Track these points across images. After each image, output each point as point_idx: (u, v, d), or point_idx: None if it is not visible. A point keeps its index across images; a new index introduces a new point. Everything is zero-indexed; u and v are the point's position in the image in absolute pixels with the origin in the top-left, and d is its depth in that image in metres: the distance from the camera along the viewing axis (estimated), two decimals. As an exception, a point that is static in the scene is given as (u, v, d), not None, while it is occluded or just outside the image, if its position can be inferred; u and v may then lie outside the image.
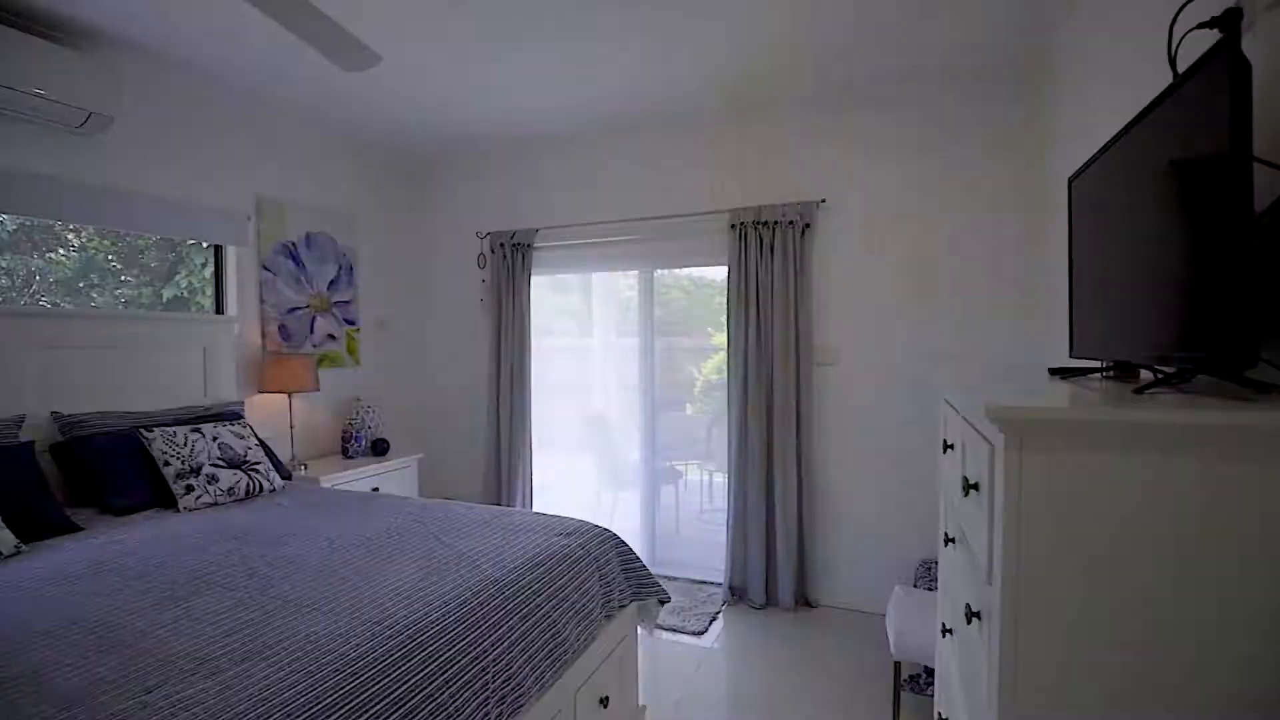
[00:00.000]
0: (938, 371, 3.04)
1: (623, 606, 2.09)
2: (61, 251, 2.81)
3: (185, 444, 2.44)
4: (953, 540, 1.53)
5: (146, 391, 2.70)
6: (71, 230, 2.79)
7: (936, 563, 2.91)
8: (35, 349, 2.38)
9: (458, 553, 1.80)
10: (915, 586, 2.78)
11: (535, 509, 3.76)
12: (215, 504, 2.40)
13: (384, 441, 3.64)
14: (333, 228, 3.66)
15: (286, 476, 2.83)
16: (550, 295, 4.31)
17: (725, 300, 3.37)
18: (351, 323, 3.78)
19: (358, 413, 3.61)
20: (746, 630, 3.05)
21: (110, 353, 2.61)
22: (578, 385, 4.97)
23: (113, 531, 2.06)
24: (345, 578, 1.63)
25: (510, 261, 3.84)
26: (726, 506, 3.38)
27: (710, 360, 4.50)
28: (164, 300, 3.08)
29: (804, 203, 3.19)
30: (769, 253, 3.21)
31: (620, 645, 2.09)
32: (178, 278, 3.15)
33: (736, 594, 3.34)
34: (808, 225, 3.20)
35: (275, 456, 2.83)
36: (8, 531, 1.88)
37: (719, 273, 4.08)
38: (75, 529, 2.09)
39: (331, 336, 3.64)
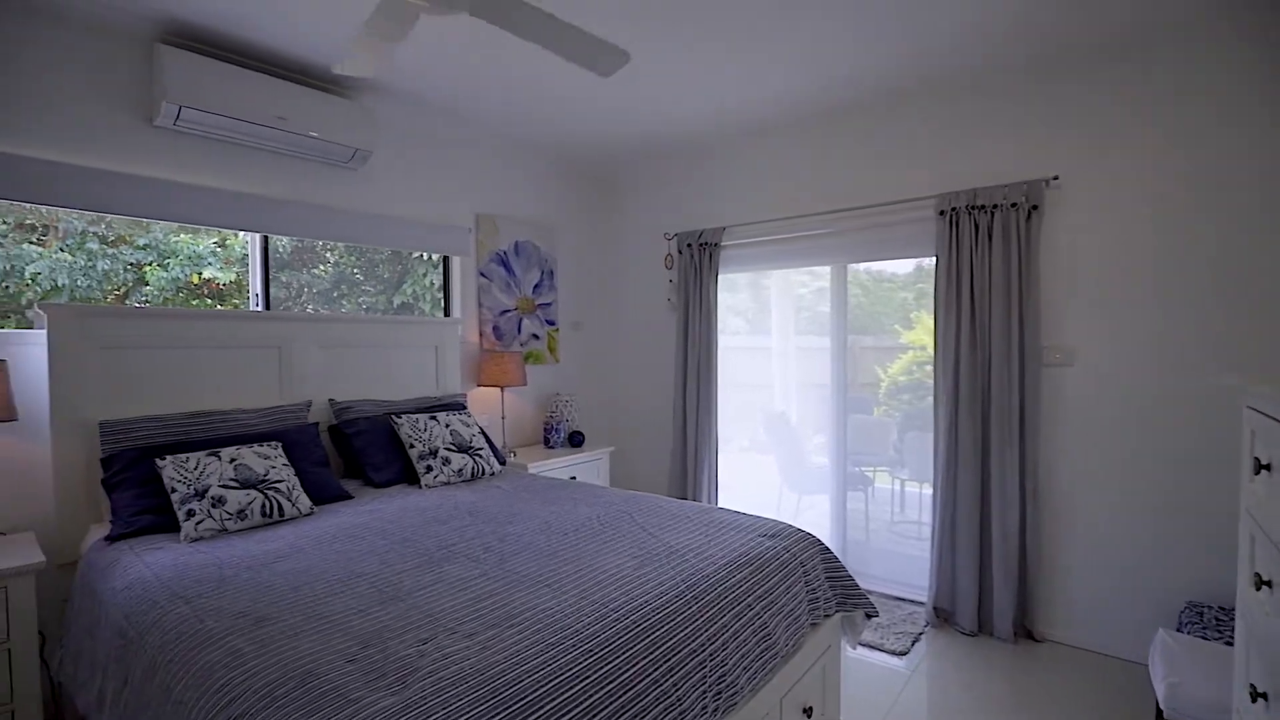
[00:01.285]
0: (1213, 375, 2.51)
1: (827, 615, 2.00)
2: (322, 268, 3.37)
3: (425, 430, 2.80)
4: (1268, 583, 1.24)
5: (393, 383, 3.15)
6: (330, 249, 3.34)
7: (1210, 606, 2.42)
8: (316, 346, 2.89)
9: (666, 545, 1.85)
10: (1180, 631, 2.33)
11: (720, 506, 3.77)
12: (448, 483, 2.72)
13: (579, 434, 3.88)
14: (536, 236, 3.99)
15: (501, 462, 3.12)
16: (719, 293, 4.28)
17: (914, 296, 3.09)
18: (552, 323, 4.09)
19: (557, 406, 3.89)
20: (955, 657, 2.77)
21: (367, 350, 3.08)
22: (754, 384, 4.90)
23: (374, 502, 2.43)
24: (567, 560, 1.75)
25: (697, 261, 3.89)
26: (931, 519, 3.10)
27: (898, 360, 4.18)
28: (394, 306, 3.57)
29: (1030, 182, 2.82)
30: (986, 240, 2.89)
31: (824, 655, 2.01)
32: (405, 286, 3.63)
33: (942, 616, 3.06)
34: (1035, 207, 2.82)
35: (492, 443, 3.14)
36: (306, 497, 2.29)
37: (902, 266, 3.76)
38: (348, 497, 2.49)
39: (535, 336, 3.97)
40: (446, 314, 3.65)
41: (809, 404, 4.43)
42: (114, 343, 2.34)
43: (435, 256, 3.62)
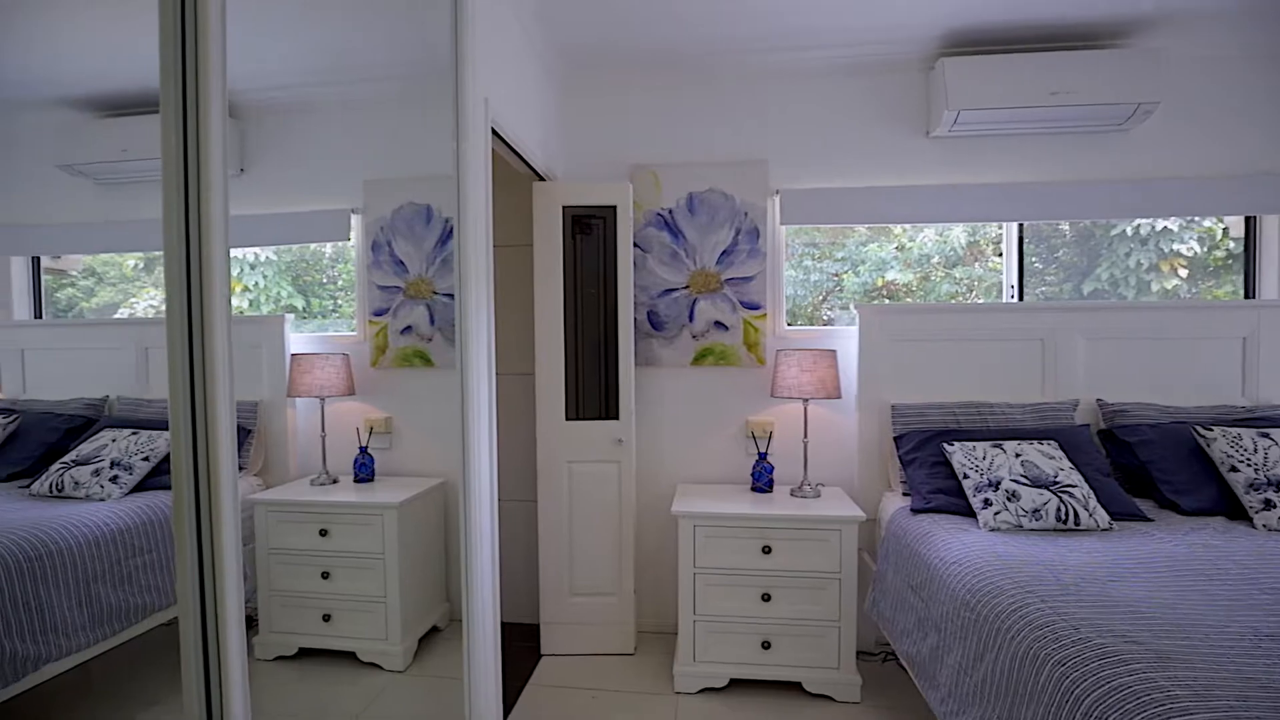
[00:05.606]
0: None
1: None
2: (994, 261, 2.98)
3: (1255, 450, 2.11)
4: None
5: (1179, 385, 2.54)
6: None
7: None
8: (1082, 338, 2.59)
9: None
10: None
11: None
12: (1302, 528, 1.96)
13: None
14: None
15: (1385, 513, 2.08)
16: None
17: None
18: None
19: None
20: None
21: (1143, 343, 2.57)
22: None
23: (1192, 533, 1.95)
24: None
25: None
26: None
27: None
28: (1083, 294, 2.87)
29: None
30: None
31: None
32: (1098, 270, 2.87)
33: None
34: None
35: (1365, 482, 2.13)
36: (1103, 509, 2.03)
37: None
38: (1145, 519, 2.09)
39: None
40: (1247, 294, 2.73)
41: None
42: (900, 335, 2.66)
43: (1142, 230, 2.76)
